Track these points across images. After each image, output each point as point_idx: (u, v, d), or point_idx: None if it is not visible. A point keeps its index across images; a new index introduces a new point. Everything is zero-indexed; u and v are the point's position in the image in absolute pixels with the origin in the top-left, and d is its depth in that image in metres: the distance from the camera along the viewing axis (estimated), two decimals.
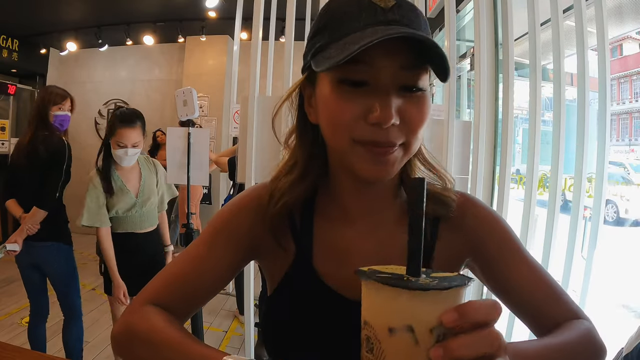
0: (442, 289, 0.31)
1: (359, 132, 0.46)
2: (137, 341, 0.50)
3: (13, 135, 4.81)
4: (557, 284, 0.56)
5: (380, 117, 0.44)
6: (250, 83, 1.85)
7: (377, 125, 0.44)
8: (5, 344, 0.87)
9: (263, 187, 0.59)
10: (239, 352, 2.59)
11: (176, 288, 0.55)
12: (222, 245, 0.56)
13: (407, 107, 0.46)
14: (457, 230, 0.56)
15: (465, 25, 2.94)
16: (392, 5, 0.45)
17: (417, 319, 0.31)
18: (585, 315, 0.54)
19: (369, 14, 0.44)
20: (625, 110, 3.09)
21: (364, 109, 0.45)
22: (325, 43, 0.47)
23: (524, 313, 0.56)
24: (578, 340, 0.49)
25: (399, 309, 0.32)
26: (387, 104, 0.44)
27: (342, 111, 0.46)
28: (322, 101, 0.49)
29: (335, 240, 0.56)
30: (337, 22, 0.46)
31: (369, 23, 0.44)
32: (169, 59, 5.57)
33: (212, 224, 0.58)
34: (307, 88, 0.54)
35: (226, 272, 0.57)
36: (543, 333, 0.53)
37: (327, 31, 0.47)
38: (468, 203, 0.57)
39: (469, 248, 0.56)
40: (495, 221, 0.57)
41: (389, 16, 0.44)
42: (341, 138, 0.47)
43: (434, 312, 0.31)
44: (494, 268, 0.56)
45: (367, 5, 0.45)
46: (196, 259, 0.56)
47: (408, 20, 0.45)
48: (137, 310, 0.53)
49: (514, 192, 2.00)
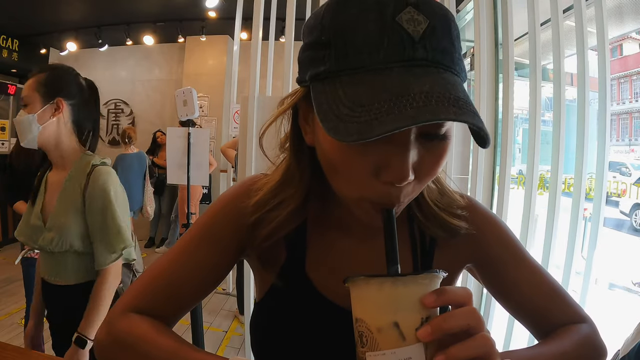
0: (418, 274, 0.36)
1: (368, 190, 0.39)
2: (125, 352, 0.47)
3: (13, 135, 4.81)
4: (559, 285, 0.55)
5: (396, 176, 0.37)
6: (250, 83, 1.85)
7: (389, 184, 0.38)
8: (5, 344, 0.87)
9: (253, 184, 0.54)
10: (239, 352, 2.59)
11: (159, 291, 0.51)
12: (207, 245, 0.53)
13: (424, 157, 0.38)
14: (458, 237, 0.54)
15: (465, 25, 2.94)
16: (423, 32, 0.34)
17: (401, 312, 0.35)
18: (588, 317, 0.54)
19: (393, 44, 0.34)
20: (625, 110, 3.09)
21: (376, 163, 0.38)
22: (331, 70, 0.37)
23: (524, 316, 0.55)
24: (575, 349, 0.49)
25: (384, 302, 0.35)
26: (404, 159, 0.37)
27: (350, 164, 0.39)
28: (323, 138, 0.41)
29: (329, 248, 0.53)
30: (347, 41, 0.35)
31: (392, 60, 0.34)
32: (169, 59, 5.57)
33: (198, 223, 0.55)
34: (303, 105, 0.45)
35: (212, 273, 0.53)
36: (544, 336, 0.53)
37: (332, 51, 0.36)
38: (468, 207, 0.56)
39: (470, 252, 0.56)
40: (495, 223, 0.57)
41: (418, 52, 0.34)
42: (346, 189, 0.42)
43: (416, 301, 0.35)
44: (494, 271, 0.55)
45: (390, 28, 0.34)
46: (179, 259, 0.52)
47: (441, 55, 0.35)
48: (120, 317, 0.49)
49: (514, 193, 2.00)
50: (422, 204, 0.52)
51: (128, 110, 5.57)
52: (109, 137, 5.60)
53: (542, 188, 2.07)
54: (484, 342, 0.34)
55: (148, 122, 5.38)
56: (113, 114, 5.61)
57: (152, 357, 0.45)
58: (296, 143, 0.49)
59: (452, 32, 0.37)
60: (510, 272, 0.54)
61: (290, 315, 0.53)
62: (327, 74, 0.37)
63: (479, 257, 0.56)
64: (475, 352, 0.33)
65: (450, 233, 0.52)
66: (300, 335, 0.52)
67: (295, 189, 0.50)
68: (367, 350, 0.35)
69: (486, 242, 0.55)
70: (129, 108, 5.57)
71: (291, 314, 0.53)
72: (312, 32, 0.40)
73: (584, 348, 0.50)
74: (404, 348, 0.34)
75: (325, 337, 0.51)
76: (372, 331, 0.35)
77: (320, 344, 0.51)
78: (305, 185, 0.50)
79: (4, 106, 5.13)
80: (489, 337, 0.35)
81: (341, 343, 0.47)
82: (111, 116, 5.61)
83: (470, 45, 2.89)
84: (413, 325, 0.34)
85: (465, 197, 0.57)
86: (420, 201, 0.52)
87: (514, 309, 0.56)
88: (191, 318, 2.17)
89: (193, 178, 2.34)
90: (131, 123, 5.47)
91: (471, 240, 0.54)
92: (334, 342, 0.50)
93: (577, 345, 0.49)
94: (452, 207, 0.53)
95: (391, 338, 0.34)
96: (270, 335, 0.54)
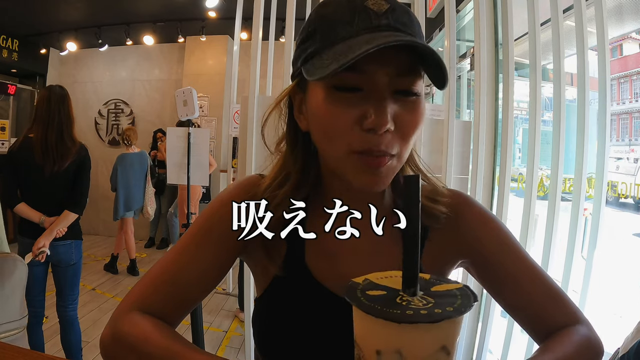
0: (433, 322, 0.28)
1: (353, 139, 0.45)
2: (129, 352, 0.48)
3: (13, 136, 4.81)
4: (556, 284, 0.55)
5: (376, 123, 0.43)
6: (250, 83, 1.85)
7: (372, 131, 0.43)
8: (5, 344, 0.87)
9: (250, 183, 0.57)
10: (239, 352, 2.59)
11: (163, 290, 0.52)
12: (208, 243, 0.54)
13: (402, 113, 0.45)
14: (450, 231, 0.55)
15: (465, 25, 2.94)
16: (385, 10, 0.44)
17: (407, 346, 0.30)
18: (585, 318, 0.54)
19: (362, 19, 0.43)
20: (625, 110, 3.09)
21: (358, 115, 0.44)
22: (316, 49, 0.45)
23: (521, 315, 0.55)
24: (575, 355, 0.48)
25: (387, 336, 0.30)
26: (382, 109, 0.43)
27: (336, 118, 0.45)
28: (315, 108, 0.48)
29: (328, 238, 0.54)
30: (328, 26, 0.45)
31: (362, 28, 0.43)
32: (169, 59, 5.57)
33: (198, 222, 0.56)
34: (297, 95, 0.52)
35: (214, 271, 0.54)
36: (540, 336, 0.53)
37: (318, 36, 0.46)
38: (462, 203, 0.56)
39: (464, 249, 0.56)
40: (491, 220, 0.57)
41: (382, 21, 0.43)
42: (335, 146, 0.46)
43: (425, 340, 0.29)
44: (490, 269, 0.55)
45: (360, 10, 0.44)
46: (182, 258, 0.53)
47: (402, 25, 0.44)
48: (124, 317, 0.50)
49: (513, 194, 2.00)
50: None
51: (128, 110, 5.57)
52: (109, 137, 5.60)
53: (542, 188, 2.07)
54: None
55: (148, 122, 5.38)
56: (113, 114, 5.61)
57: (154, 358, 0.45)
58: (292, 134, 0.55)
59: (412, 16, 0.46)
60: (506, 268, 0.54)
61: (289, 304, 0.54)
62: (314, 53, 0.46)
63: (473, 252, 0.56)
64: None
65: (433, 219, 0.54)
66: (298, 324, 0.53)
67: (291, 173, 0.54)
68: None
69: (481, 237, 0.55)
70: (129, 108, 5.57)
71: (290, 303, 0.54)
72: (303, 31, 0.49)
73: (585, 352, 0.50)
74: None
75: (323, 325, 0.51)
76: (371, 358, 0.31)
77: (318, 332, 0.52)
78: (300, 168, 0.54)
79: (4, 106, 5.13)
80: None
81: (339, 330, 0.47)
82: (111, 116, 5.61)
83: (470, 45, 2.89)
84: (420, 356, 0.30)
85: (460, 195, 0.58)
86: (400, 190, 0.54)
87: (510, 307, 0.56)
88: (191, 318, 2.17)
89: (193, 178, 2.34)
90: (131, 123, 5.46)
91: (465, 235, 0.55)
92: (332, 329, 0.50)
93: (578, 349, 0.49)
94: (433, 193, 0.56)
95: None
96: (270, 325, 0.55)
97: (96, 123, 5.61)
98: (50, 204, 1.90)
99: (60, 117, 1.91)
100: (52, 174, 1.88)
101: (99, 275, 3.90)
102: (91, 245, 4.86)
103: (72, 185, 1.95)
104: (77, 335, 2.05)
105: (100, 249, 4.86)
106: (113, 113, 5.62)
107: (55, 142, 1.87)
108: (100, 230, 5.40)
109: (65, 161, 1.89)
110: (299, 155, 0.55)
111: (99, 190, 5.10)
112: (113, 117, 5.62)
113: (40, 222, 1.87)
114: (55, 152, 1.87)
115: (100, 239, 5.26)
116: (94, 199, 4.98)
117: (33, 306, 1.99)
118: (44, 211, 1.88)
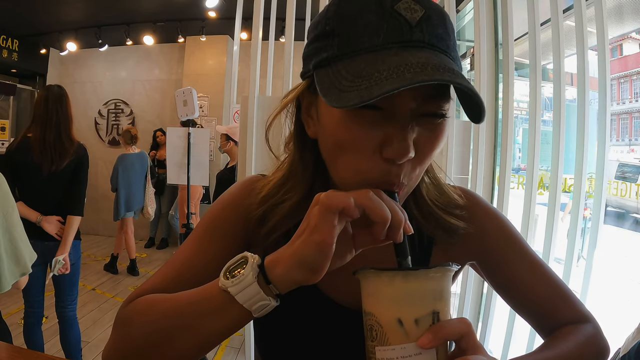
0: (430, 268, 0.35)
1: (370, 167, 0.40)
2: (141, 314, 0.46)
3: (13, 136, 4.81)
4: (562, 282, 0.55)
5: (397, 153, 0.38)
6: (250, 83, 1.85)
7: (391, 161, 0.39)
8: (4, 344, 0.87)
9: (252, 184, 0.55)
10: (239, 352, 2.59)
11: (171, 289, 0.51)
12: (214, 242, 0.53)
13: (424, 135, 0.40)
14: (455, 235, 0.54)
15: (465, 25, 2.94)
16: (419, 19, 0.37)
17: (414, 299, 0.35)
18: (591, 316, 0.54)
19: (392, 28, 0.37)
20: (625, 110, 3.09)
21: (378, 140, 0.39)
22: (333, 54, 0.39)
23: (527, 311, 0.55)
24: (580, 351, 0.48)
25: (395, 292, 0.35)
26: (405, 136, 0.38)
27: (353, 140, 0.39)
28: (328, 121, 0.42)
29: None
30: (350, 29, 0.38)
31: (391, 41, 0.36)
32: (169, 59, 5.57)
33: (204, 221, 0.56)
34: (306, 96, 0.47)
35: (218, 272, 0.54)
36: (546, 332, 0.53)
37: (336, 38, 0.39)
38: (470, 202, 0.56)
39: (471, 250, 0.55)
40: (497, 218, 0.57)
41: (415, 35, 0.37)
42: (348, 171, 0.42)
43: (427, 292, 0.35)
44: (497, 265, 0.55)
45: (389, 15, 0.37)
46: (191, 257, 0.53)
47: (437, 39, 0.38)
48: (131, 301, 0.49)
49: (514, 193, 2.00)
50: (421, 202, 0.52)
51: (128, 110, 5.57)
52: (109, 137, 5.59)
53: (543, 188, 2.07)
54: None
55: (148, 122, 5.37)
56: (113, 114, 5.61)
57: (172, 309, 0.44)
58: (299, 137, 0.50)
59: (447, 25, 0.40)
60: (514, 266, 0.54)
61: (289, 311, 0.53)
62: (330, 59, 0.40)
63: (482, 253, 0.56)
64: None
65: (449, 233, 0.52)
66: (299, 330, 0.53)
67: (299, 181, 0.51)
68: (377, 344, 0.35)
69: (489, 237, 0.55)
70: (129, 108, 5.57)
71: (289, 309, 0.53)
72: (317, 26, 0.42)
73: (588, 349, 0.49)
74: (413, 343, 0.34)
75: (324, 331, 0.51)
76: (381, 325, 0.35)
77: (319, 338, 0.52)
78: (308, 178, 0.50)
79: (4, 106, 5.13)
80: None
81: (339, 336, 0.47)
82: (111, 116, 5.61)
83: (470, 45, 2.89)
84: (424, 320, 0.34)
85: (467, 193, 0.56)
86: (418, 199, 0.52)
87: (517, 304, 0.55)
88: None
89: (193, 178, 2.34)
90: (131, 123, 5.46)
91: (472, 237, 0.54)
92: (333, 335, 0.50)
93: (582, 346, 0.49)
94: (451, 206, 0.53)
95: (401, 333, 0.34)
96: (271, 330, 0.55)
97: (96, 123, 5.61)
98: (48, 204, 1.90)
99: (58, 117, 1.90)
100: (50, 173, 1.87)
101: (99, 275, 3.90)
102: (91, 245, 4.86)
103: (70, 185, 1.94)
104: (76, 335, 2.05)
105: (100, 249, 4.86)
106: (113, 113, 5.61)
107: (53, 142, 1.87)
108: (100, 230, 5.39)
109: (63, 161, 1.88)
110: (308, 162, 0.50)
111: (98, 190, 5.09)
112: (113, 117, 5.61)
113: (38, 222, 1.86)
114: (54, 151, 1.87)
115: (100, 239, 5.25)
116: (94, 199, 4.98)
117: (32, 306, 1.99)
118: (42, 210, 1.88)
